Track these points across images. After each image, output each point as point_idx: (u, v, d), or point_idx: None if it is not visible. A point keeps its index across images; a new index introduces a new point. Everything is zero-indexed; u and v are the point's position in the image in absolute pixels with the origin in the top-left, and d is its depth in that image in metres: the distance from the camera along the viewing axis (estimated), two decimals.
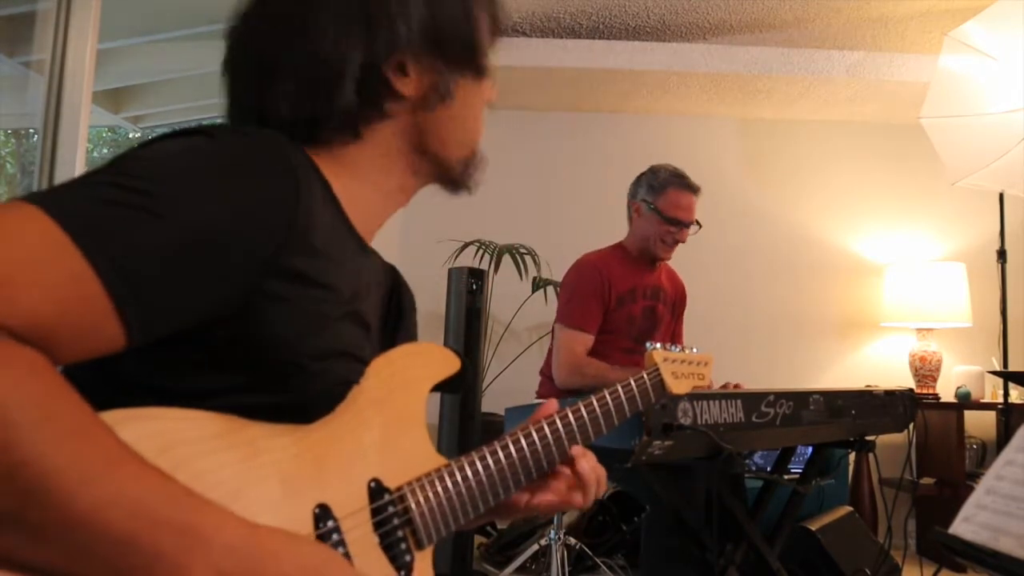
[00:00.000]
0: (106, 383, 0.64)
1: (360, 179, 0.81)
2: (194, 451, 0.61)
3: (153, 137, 0.68)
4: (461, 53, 0.83)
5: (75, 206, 0.57)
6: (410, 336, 0.93)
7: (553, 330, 2.60)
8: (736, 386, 2.12)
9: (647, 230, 2.52)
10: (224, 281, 0.62)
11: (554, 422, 0.89)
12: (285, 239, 0.65)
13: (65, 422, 0.52)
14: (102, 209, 0.57)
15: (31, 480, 0.50)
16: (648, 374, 1.03)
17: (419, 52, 0.80)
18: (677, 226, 2.48)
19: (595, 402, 0.95)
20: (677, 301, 2.69)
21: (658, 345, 1.07)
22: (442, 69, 0.81)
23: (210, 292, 0.62)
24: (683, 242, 2.53)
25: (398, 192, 0.86)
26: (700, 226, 2.54)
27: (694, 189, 2.53)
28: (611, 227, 2.69)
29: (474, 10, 0.84)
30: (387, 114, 0.80)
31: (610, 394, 0.96)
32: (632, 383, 1.00)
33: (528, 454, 0.86)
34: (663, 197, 2.50)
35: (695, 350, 1.12)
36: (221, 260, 0.61)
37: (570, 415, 0.91)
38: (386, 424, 0.77)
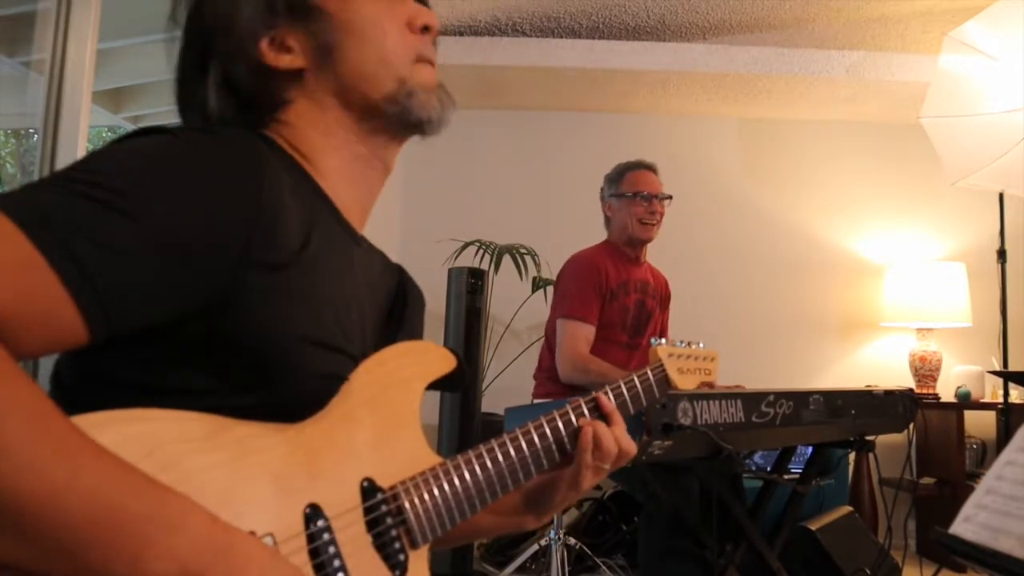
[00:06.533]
0: (91, 384, 0.64)
1: (329, 152, 0.80)
2: (182, 452, 0.60)
3: (117, 136, 0.68)
4: None
5: (28, 200, 0.57)
6: (413, 335, 0.90)
7: (547, 329, 2.61)
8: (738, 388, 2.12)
9: (623, 219, 2.59)
10: (188, 276, 0.62)
11: (554, 419, 0.88)
12: (252, 234, 0.64)
13: (13, 406, 0.50)
14: (54, 200, 0.58)
15: None
16: (652, 370, 1.01)
17: (281, 24, 0.79)
18: (646, 200, 2.55)
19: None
20: (663, 295, 2.73)
21: (663, 340, 1.05)
22: (307, 23, 0.79)
23: (173, 285, 0.61)
24: (661, 214, 2.58)
25: (371, 157, 0.83)
26: (671, 197, 2.60)
27: (649, 167, 2.63)
28: None
29: None
30: (299, 85, 0.79)
31: (613, 390, 0.95)
32: (635, 379, 0.98)
33: (528, 453, 0.85)
34: (623, 182, 2.60)
35: (701, 345, 1.09)
36: (182, 255, 0.61)
37: (570, 412, 0.90)
38: (379, 423, 0.76)
